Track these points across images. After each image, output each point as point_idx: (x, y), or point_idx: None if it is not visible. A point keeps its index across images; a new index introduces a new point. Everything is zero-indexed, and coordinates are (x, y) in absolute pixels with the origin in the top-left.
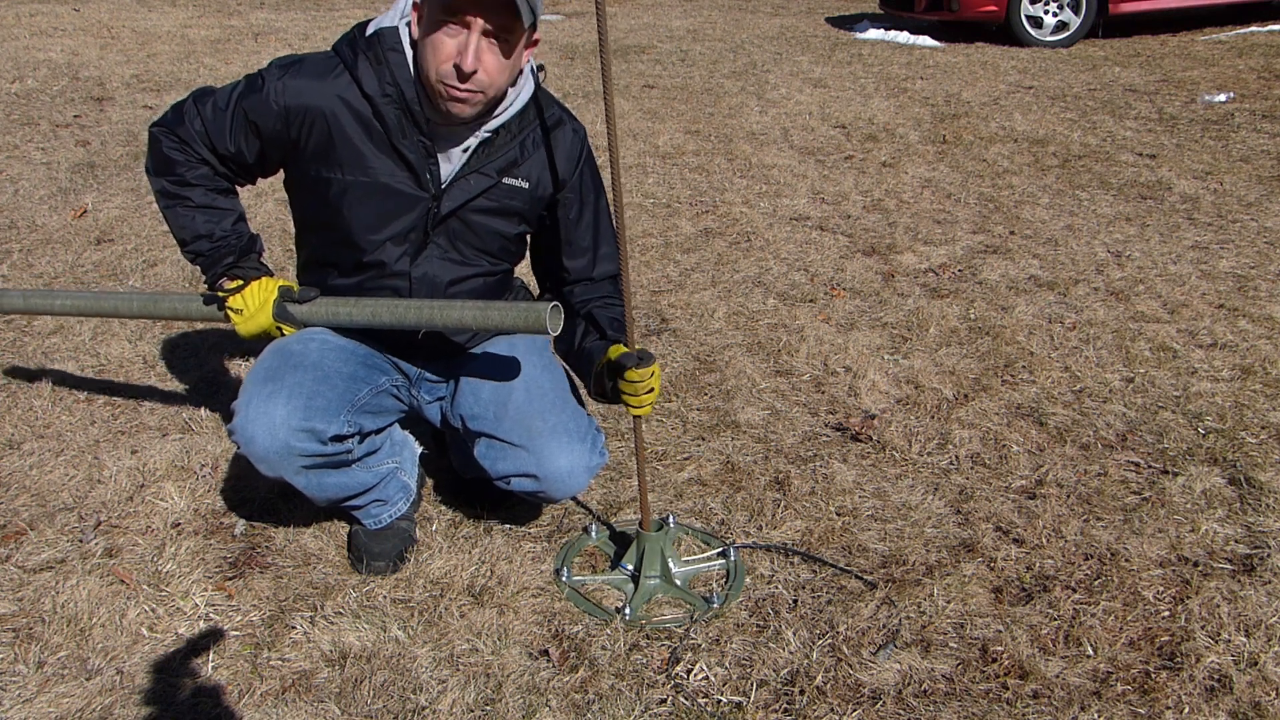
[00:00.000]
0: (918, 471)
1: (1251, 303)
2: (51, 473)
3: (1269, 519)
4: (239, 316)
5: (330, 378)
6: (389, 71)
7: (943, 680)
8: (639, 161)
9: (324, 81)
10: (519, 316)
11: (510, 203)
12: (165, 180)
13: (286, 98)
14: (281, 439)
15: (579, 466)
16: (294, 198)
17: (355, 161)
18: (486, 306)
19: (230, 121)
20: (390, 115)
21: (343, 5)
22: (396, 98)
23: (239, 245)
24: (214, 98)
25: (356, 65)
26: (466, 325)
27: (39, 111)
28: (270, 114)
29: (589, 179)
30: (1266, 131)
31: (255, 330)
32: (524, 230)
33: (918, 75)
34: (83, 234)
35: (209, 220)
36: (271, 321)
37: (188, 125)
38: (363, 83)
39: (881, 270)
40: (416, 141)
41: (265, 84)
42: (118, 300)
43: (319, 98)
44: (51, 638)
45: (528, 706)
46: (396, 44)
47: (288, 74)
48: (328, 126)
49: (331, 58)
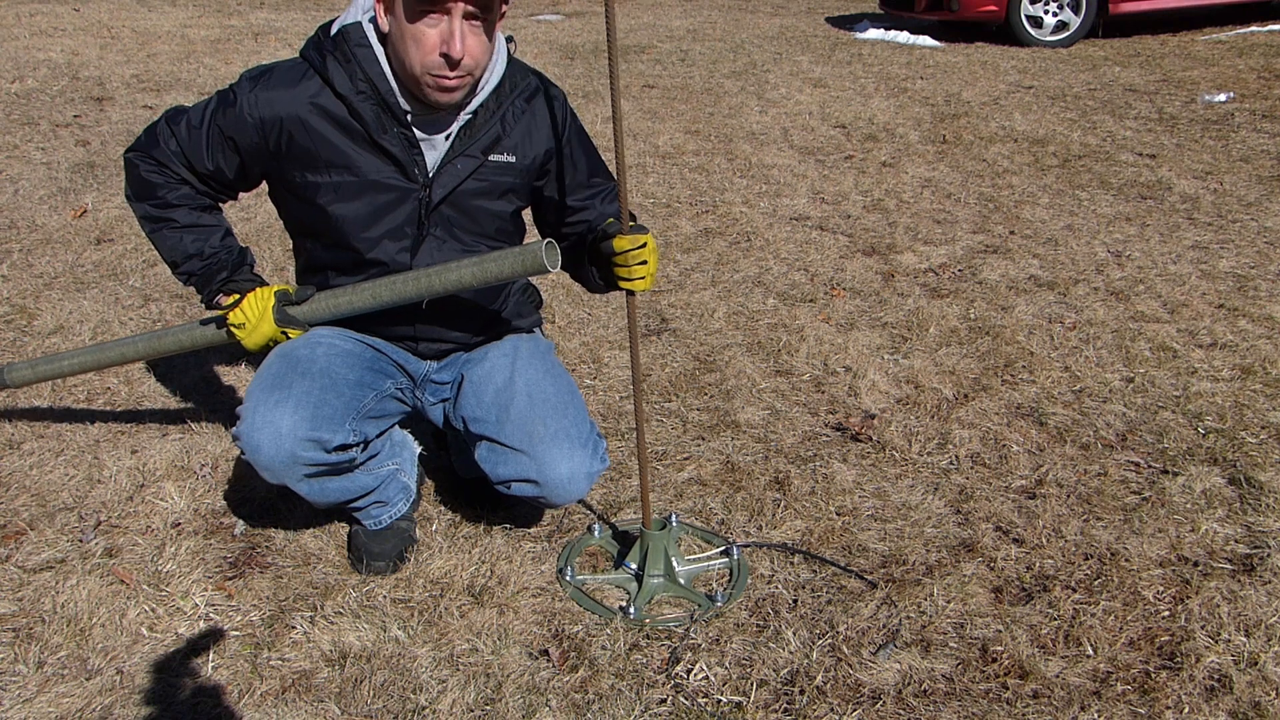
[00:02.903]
0: (918, 471)
1: (1251, 303)
2: (51, 473)
3: (1269, 519)
4: (242, 331)
5: (337, 385)
6: (359, 68)
7: (943, 680)
8: (639, 161)
9: (296, 88)
10: (517, 261)
11: (500, 179)
12: (147, 204)
13: (260, 109)
14: (287, 449)
15: (580, 472)
16: (283, 208)
17: (340, 162)
18: (483, 260)
19: (206, 139)
20: (367, 112)
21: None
22: (371, 93)
23: (230, 260)
24: (187, 116)
25: (326, 67)
26: (468, 284)
27: (39, 111)
28: (246, 127)
29: (576, 139)
30: (1266, 131)
31: (261, 341)
32: (518, 207)
33: (918, 75)
34: (83, 234)
35: (197, 239)
36: (276, 329)
37: (163, 146)
38: (334, 83)
39: (881, 270)
40: (397, 134)
41: (238, 98)
42: (124, 347)
43: (293, 105)
44: (51, 638)
45: (528, 706)
46: (363, 39)
47: (259, 85)
48: (306, 132)
49: (300, 63)
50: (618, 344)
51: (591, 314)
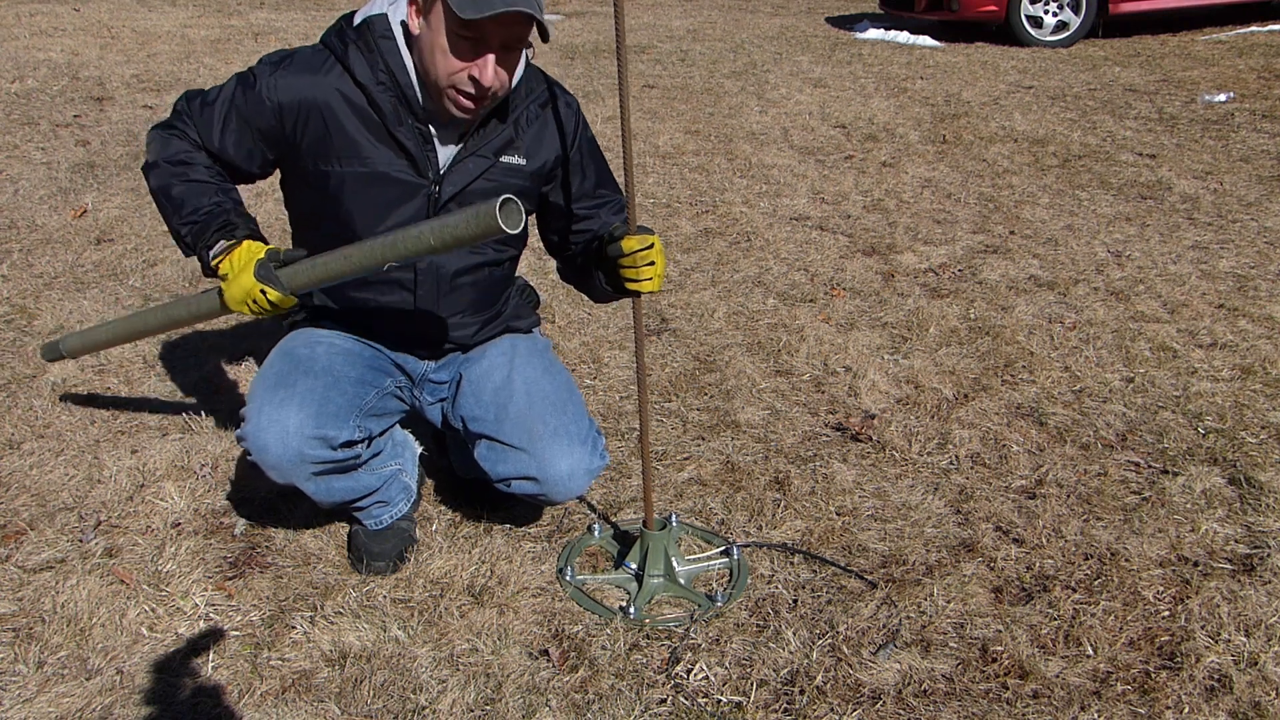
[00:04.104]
0: (918, 471)
1: (1251, 303)
2: (51, 473)
3: (1269, 519)
4: (225, 283)
5: (340, 382)
6: (381, 59)
7: (943, 680)
8: (639, 161)
9: (316, 75)
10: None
11: (509, 181)
12: (159, 169)
13: (279, 94)
14: (295, 447)
15: (579, 469)
16: (291, 195)
17: (352, 153)
18: (442, 224)
19: (223, 122)
20: (385, 102)
21: (342, 5)
22: (390, 84)
23: (231, 209)
24: (204, 97)
25: (347, 55)
26: (432, 247)
27: (39, 111)
28: (264, 112)
29: (587, 147)
30: (1266, 131)
31: (240, 295)
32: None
33: (918, 75)
34: (83, 234)
35: (200, 195)
36: (255, 283)
37: (181, 127)
38: (355, 71)
39: (881, 270)
40: (413, 128)
41: (257, 81)
42: (147, 316)
43: (312, 91)
44: (51, 638)
45: (528, 706)
46: (387, 31)
47: (279, 70)
48: (323, 119)
49: (321, 50)
50: (618, 344)
51: (591, 314)
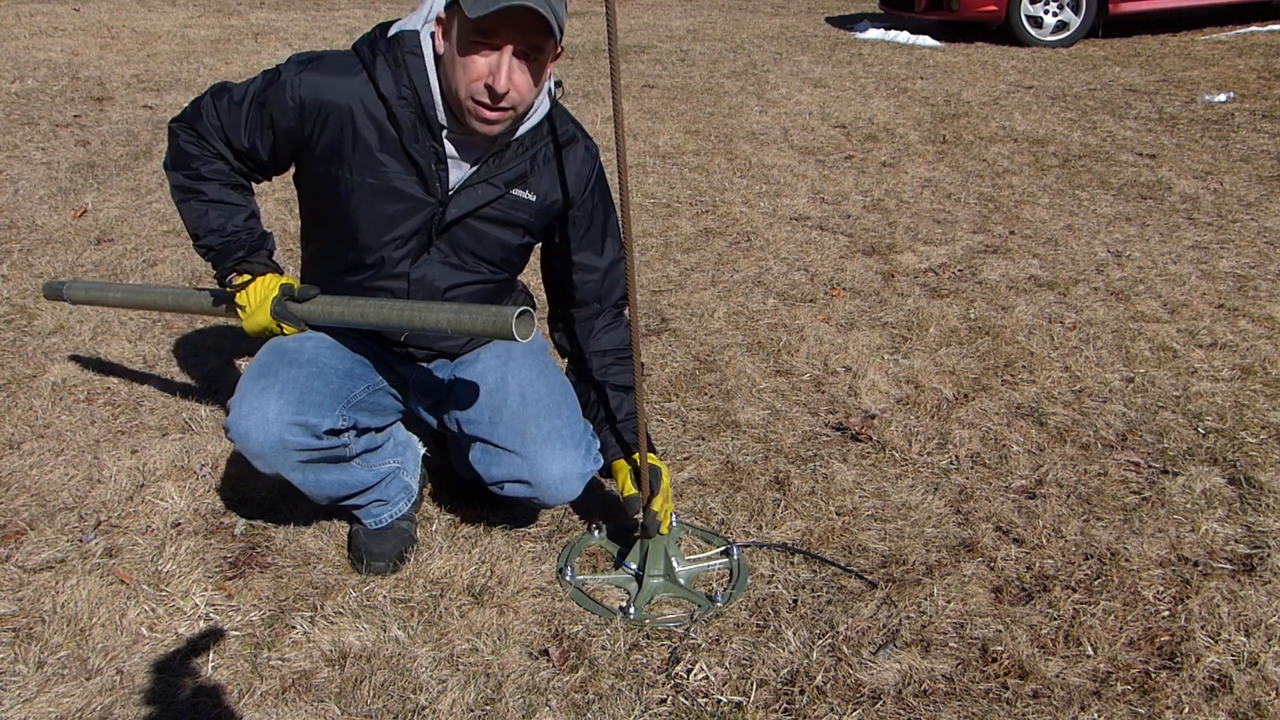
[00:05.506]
0: (918, 471)
1: (1251, 303)
2: (51, 473)
3: (1269, 519)
4: (243, 314)
5: (325, 373)
6: (406, 74)
7: (943, 680)
8: (639, 161)
9: (341, 79)
10: (488, 321)
11: (516, 214)
12: (181, 174)
13: (303, 92)
14: (275, 433)
15: (572, 473)
16: (303, 194)
17: (365, 162)
18: (460, 310)
19: (246, 116)
20: (405, 118)
21: (343, 5)
22: (412, 101)
23: (249, 241)
24: (230, 93)
25: (375, 66)
26: (442, 328)
27: (39, 111)
28: (286, 108)
29: (599, 198)
30: (1266, 131)
31: (257, 328)
32: (528, 242)
33: (918, 75)
34: (83, 234)
35: (221, 215)
36: (270, 319)
37: (205, 120)
38: (379, 83)
39: (881, 270)
40: (428, 147)
41: (283, 77)
42: (157, 294)
43: (335, 94)
44: (51, 638)
45: (528, 706)
46: (416, 48)
47: (306, 69)
48: (341, 124)
49: (350, 56)
50: None
51: None
